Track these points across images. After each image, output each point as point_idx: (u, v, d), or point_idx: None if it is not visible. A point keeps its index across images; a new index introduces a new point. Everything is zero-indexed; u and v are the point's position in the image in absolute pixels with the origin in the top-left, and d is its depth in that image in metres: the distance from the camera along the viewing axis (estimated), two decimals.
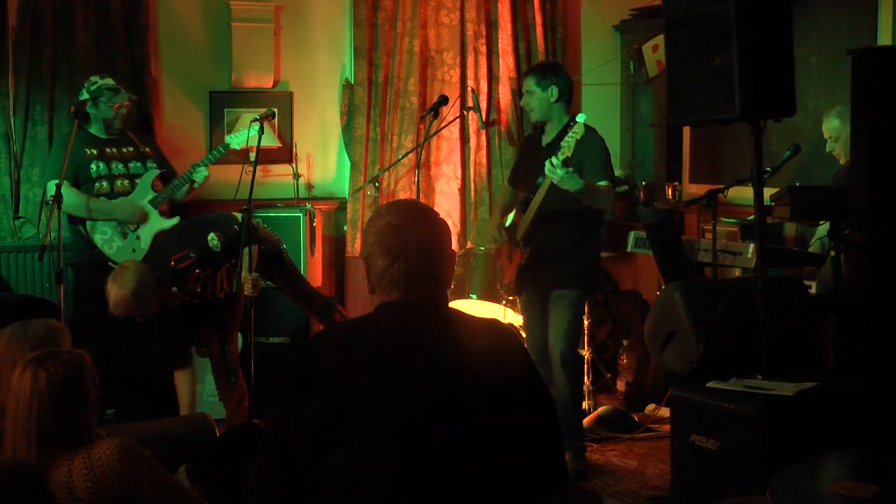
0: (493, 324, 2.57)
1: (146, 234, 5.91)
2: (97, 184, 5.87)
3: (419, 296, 2.44)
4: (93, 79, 5.94)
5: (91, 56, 6.47)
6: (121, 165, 5.96)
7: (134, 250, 5.85)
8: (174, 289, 5.15)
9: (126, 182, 5.95)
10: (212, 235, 5.17)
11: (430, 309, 2.46)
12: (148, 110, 6.60)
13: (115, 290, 4.93)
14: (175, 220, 5.96)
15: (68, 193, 5.61)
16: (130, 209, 5.90)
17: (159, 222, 5.95)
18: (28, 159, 6.37)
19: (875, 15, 5.59)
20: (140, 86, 6.58)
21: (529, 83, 5.35)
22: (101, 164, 5.89)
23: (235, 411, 5.57)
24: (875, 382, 4.19)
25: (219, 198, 6.59)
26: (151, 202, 5.95)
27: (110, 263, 5.79)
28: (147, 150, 6.10)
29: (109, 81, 5.94)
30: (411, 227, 2.45)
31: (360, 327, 2.52)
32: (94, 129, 5.96)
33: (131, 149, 6.03)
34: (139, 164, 6.02)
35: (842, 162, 5.28)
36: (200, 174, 6.01)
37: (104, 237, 5.87)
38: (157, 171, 6.02)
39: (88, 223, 5.86)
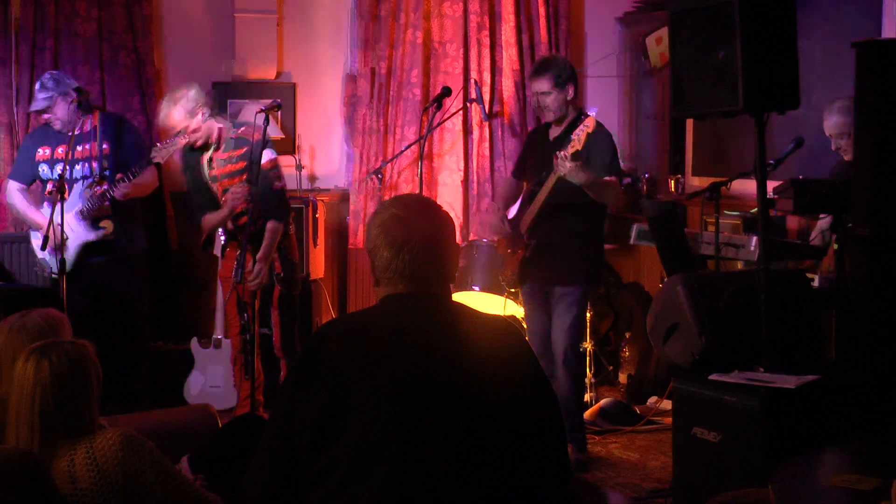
0: (496, 319, 2.57)
1: (72, 245, 5.61)
2: (46, 187, 5.71)
3: (423, 288, 2.44)
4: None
5: (93, 47, 6.48)
6: (68, 168, 5.59)
7: (58, 259, 5.43)
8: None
9: (67, 186, 5.51)
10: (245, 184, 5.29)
11: (434, 302, 2.46)
12: (150, 102, 6.60)
13: (167, 102, 5.34)
14: (101, 230, 5.66)
15: (18, 198, 5.70)
16: (45, 226, 5.47)
17: (84, 234, 5.65)
18: None
19: (880, 7, 5.57)
20: (143, 77, 6.59)
21: (544, 84, 5.24)
22: (46, 167, 5.69)
23: (244, 401, 5.57)
24: (877, 375, 4.19)
25: None
26: (80, 212, 5.62)
27: (35, 269, 5.72)
28: (105, 147, 5.69)
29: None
30: (416, 218, 2.45)
31: (365, 319, 2.52)
32: (59, 125, 5.67)
33: (87, 147, 5.69)
34: (87, 166, 5.68)
35: (847, 158, 5.23)
36: (120, 191, 5.58)
37: (37, 241, 5.61)
38: (90, 180, 5.63)
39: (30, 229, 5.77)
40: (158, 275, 6.49)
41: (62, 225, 5.25)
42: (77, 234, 5.61)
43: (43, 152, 5.73)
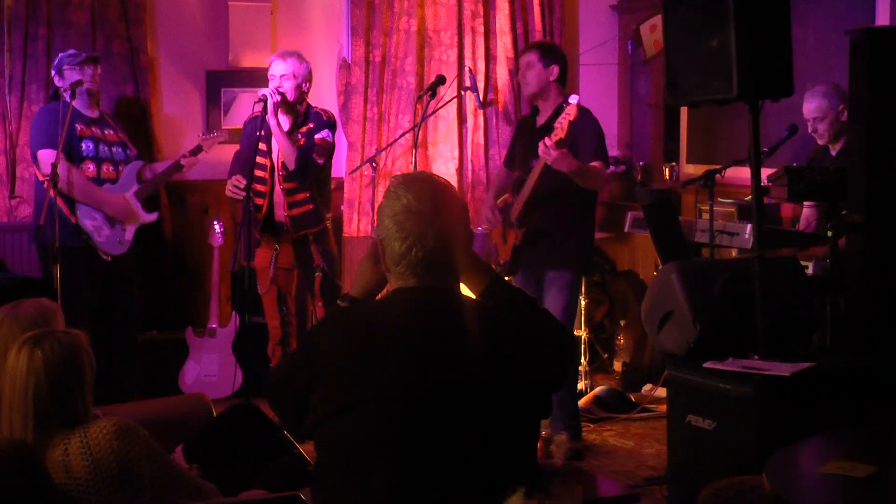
0: (497, 308, 2.55)
1: (132, 227, 5.80)
2: (86, 164, 5.75)
3: (434, 282, 2.40)
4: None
5: (87, 35, 6.45)
6: (107, 149, 5.82)
7: (120, 241, 5.74)
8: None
9: (111, 168, 5.80)
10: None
11: (444, 296, 2.43)
12: (144, 90, 6.58)
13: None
14: (154, 216, 5.88)
15: (64, 170, 5.58)
16: (121, 206, 5.74)
17: (144, 216, 5.85)
18: (24, 138, 6.35)
19: None
20: (136, 66, 6.56)
21: (531, 56, 5.36)
22: (91, 144, 5.77)
23: None
24: (872, 362, 4.20)
25: (218, 178, 6.58)
26: (136, 194, 5.80)
27: (99, 252, 5.75)
28: (122, 135, 5.92)
29: (70, 52, 5.88)
30: (430, 212, 2.37)
31: (376, 312, 2.49)
32: (78, 104, 5.72)
33: (112, 132, 5.88)
34: (120, 150, 5.89)
35: (821, 143, 5.27)
36: (187, 168, 5.93)
37: (94, 223, 5.69)
38: (141, 163, 5.88)
39: (78, 208, 5.67)
40: (153, 265, 6.49)
41: (56, 209, 5.34)
42: (135, 218, 5.80)
43: (81, 128, 5.76)
